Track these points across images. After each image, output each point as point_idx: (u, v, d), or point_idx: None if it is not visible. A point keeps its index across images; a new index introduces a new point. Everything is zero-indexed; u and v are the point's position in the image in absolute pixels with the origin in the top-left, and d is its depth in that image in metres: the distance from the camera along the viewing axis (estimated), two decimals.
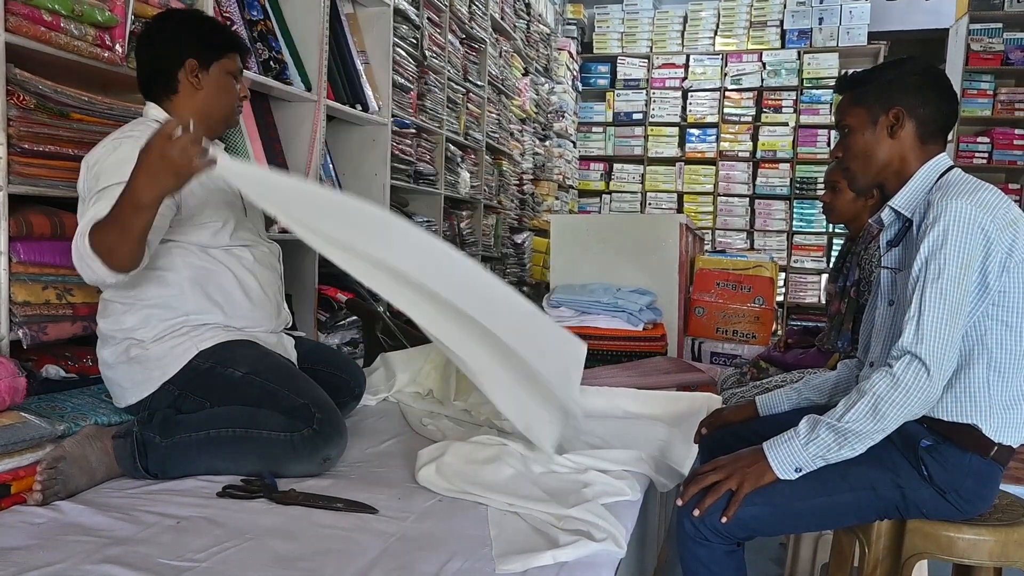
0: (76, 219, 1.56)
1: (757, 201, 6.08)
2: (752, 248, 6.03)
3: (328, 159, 2.72)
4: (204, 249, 1.52)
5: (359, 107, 2.69)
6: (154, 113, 1.54)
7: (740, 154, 6.09)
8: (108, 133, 1.63)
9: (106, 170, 1.37)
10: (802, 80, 5.91)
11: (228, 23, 2.07)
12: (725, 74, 6.06)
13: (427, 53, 3.31)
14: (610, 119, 6.40)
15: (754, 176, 6.09)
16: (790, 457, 1.16)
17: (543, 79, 5.37)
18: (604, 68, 6.45)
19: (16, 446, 1.26)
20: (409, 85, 3.14)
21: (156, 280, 1.48)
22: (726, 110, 6.08)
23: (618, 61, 6.32)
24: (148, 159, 1.18)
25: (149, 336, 1.47)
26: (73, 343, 1.63)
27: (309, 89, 2.40)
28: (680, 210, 6.15)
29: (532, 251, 4.95)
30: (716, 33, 6.11)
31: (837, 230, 5.74)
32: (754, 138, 6.06)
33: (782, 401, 1.46)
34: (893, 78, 1.25)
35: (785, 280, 5.94)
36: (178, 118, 1.30)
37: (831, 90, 5.79)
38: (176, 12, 1.64)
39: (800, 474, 1.17)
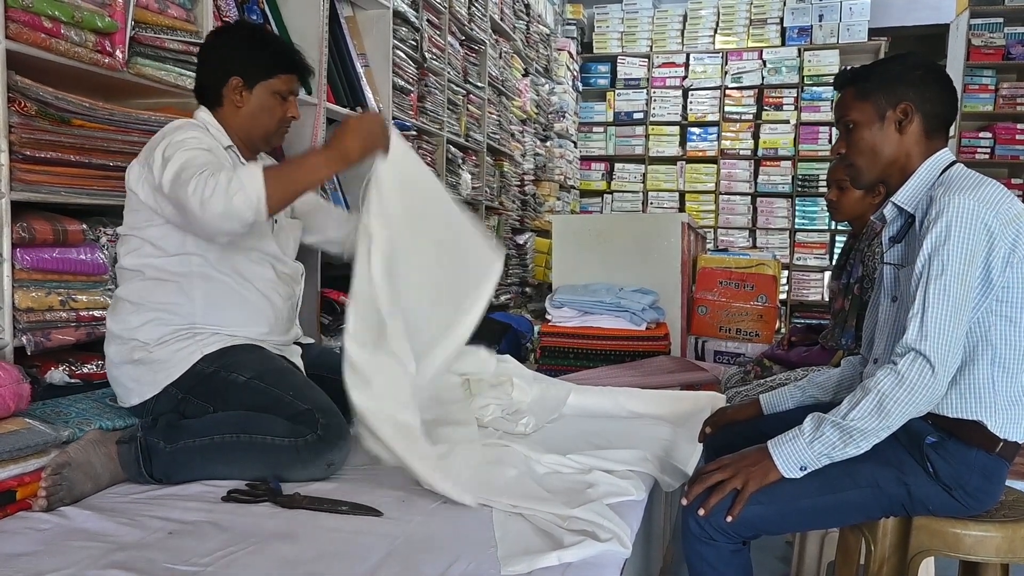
0: (80, 226, 1.57)
1: (759, 199, 6.07)
2: (754, 246, 6.01)
3: None
4: (226, 263, 1.52)
5: (359, 110, 2.69)
6: (203, 117, 1.56)
7: (741, 152, 6.08)
8: (110, 139, 1.64)
9: (171, 149, 1.40)
10: (803, 77, 5.90)
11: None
12: (725, 72, 6.06)
13: (427, 55, 3.31)
14: (611, 119, 6.39)
15: (756, 174, 6.08)
16: (795, 455, 1.16)
17: (543, 79, 5.37)
18: (604, 68, 6.45)
19: (21, 452, 1.26)
20: (409, 87, 3.14)
21: (169, 286, 1.48)
22: (727, 108, 6.07)
23: (618, 61, 6.32)
24: (362, 127, 1.42)
25: (153, 338, 1.48)
26: (77, 348, 1.63)
27: (309, 93, 2.40)
28: (682, 209, 6.15)
29: (534, 252, 4.95)
30: (716, 31, 6.10)
31: (840, 227, 5.73)
32: (755, 136, 6.06)
33: (786, 399, 1.46)
34: (898, 72, 1.24)
35: (788, 278, 5.93)
36: (224, 129, 1.53)
37: (832, 87, 5.78)
38: (235, 27, 1.63)
39: (805, 472, 1.16)
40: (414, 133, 3.20)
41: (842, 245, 2.18)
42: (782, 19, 5.94)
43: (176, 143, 1.42)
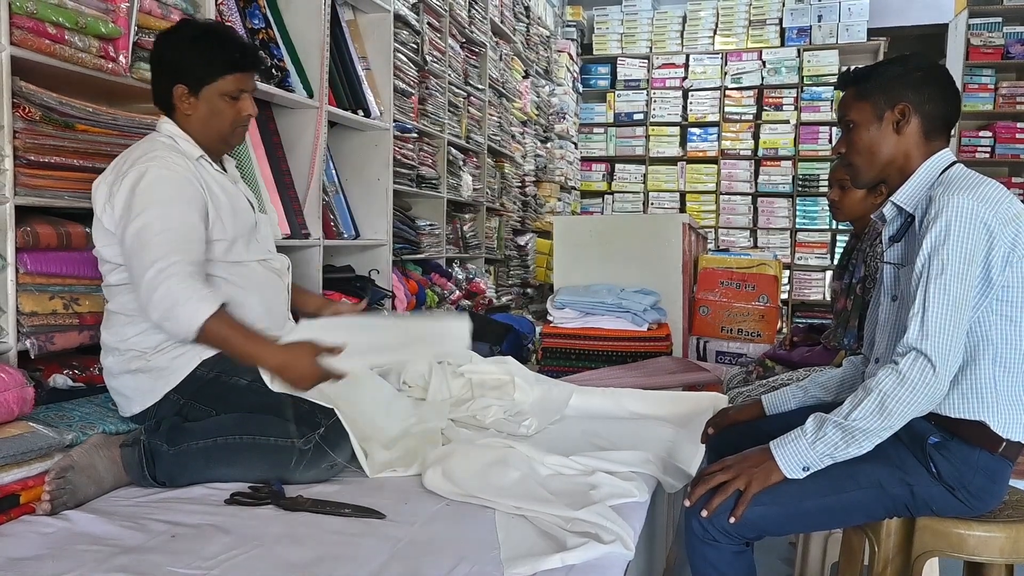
0: (83, 230, 1.58)
1: (760, 199, 6.07)
2: (755, 246, 6.02)
3: (331, 165, 2.73)
4: (212, 264, 1.52)
5: (361, 113, 2.70)
6: (167, 128, 1.55)
7: (742, 152, 6.08)
8: (113, 144, 1.65)
9: (140, 197, 1.41)
10: (802, 77, 5.90)
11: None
12: (725, 73, 6.06)
13: (427, 58, 3.32)
14: (611, 120, 6.40)
15: (756, 174, 6.08)
16: (797, 456, 1.16)
17: (543, 81, 5.38)
18: (604, 69, 6.45)
19: (25, 456, 1.26)
20: (410, 90, 3.14)
21: None
22: (727, 109, 6.08)
23: (618, 62, 6.32)
24: (294, 367, 1.40)
25: (150, 346, 1.47)
26: (80, 352, 1.64)
27: (311, 96, 2.41)
28: (682, 209, 6.15)
29: (535, 253, 4.95)
30: (715, 32, 6.11)
31: (840, 227, 5.73)
32: (755, 136, 6.06)
33: (788, 399, 1.46)
34: (898, 74, 1.25)
35: (789, 277, 5.93)
36: (186, 134, 1.52)
37: (832, 87, 5.79)
38: (179, 29, 1.57)
39: (808, 473, 1.16)
40: (415, 135, 3.20)
41: (843, 245, 2.19)
42: (781, 20, 5.95)
43: (146, 193, 1.40)
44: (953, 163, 1.25)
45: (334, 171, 2.76)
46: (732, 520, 1.15)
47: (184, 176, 1.47)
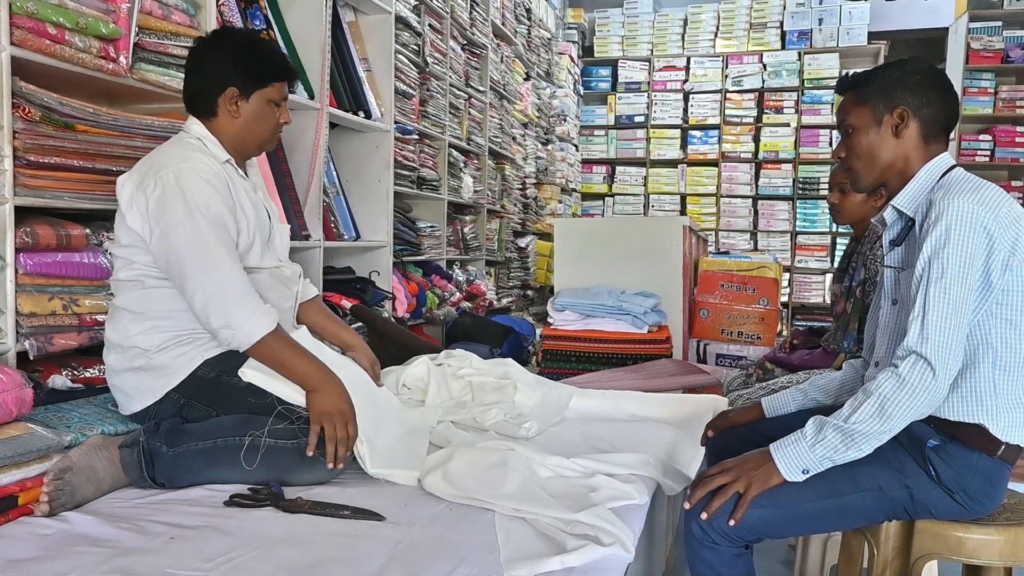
0: (83, 231, 1.58)
1: (760, 202, 6.08)
2: (756, 249, 6.02)
3: (332, 166, 2.73)
4: None
5: (362, 114, 2.70)
6: (196, 130, 1.55)
7: (742, 155, 6.09)
8: (113, 144, 1.65)
9: (180, 202, 1.42)
10: (803, 81, 5.91)
11: None
12: (726, 76, 6.07)
13: (429, 60, 3.32)
14: (612, 122, 6.41)
15: (756, 177, 6.09)
16: (797, 459, 1.16)
17: (544, 83, 5.38)
18: (605, 71, 6.46)
19: (23, 457, 1.26)
20: (411, 91, 3.15)
21: (169, 292, 1.48)
22: (727, 111, 6.09)
23: (619, 64, 6.34)
24: (330, 403, 1.42)
25: (153, 345, 1.47)
26: (79, 353, 1.64)
27: (312, 97, 2.41)
28: (683, 212, 6.16)
29: (536, 255, 4.95)
30: (716, 35, 6.12)
31: (841, 230, 5.73)
32: (756, 139, 6.07)
33: (788, 402, 1.46)
34: (896, 78, 1.25)
35: (789, 280, 5.94)
36: (217, 138, 1.54)
37: (832, 90, 5.80)
38: (228, 35, 1.60)
39: (807, 476, 1.16)
40: (416, 137, 3.20)
41: (843, 248, 2.19)
42: (782, 23, 5.96)
43: (189, 198, 1.41)
44: (953, 167, 1.25)
45: (335, 172, 2.76)
46: (732, 523, 1.15)
47: (220, 180, 1.49)
